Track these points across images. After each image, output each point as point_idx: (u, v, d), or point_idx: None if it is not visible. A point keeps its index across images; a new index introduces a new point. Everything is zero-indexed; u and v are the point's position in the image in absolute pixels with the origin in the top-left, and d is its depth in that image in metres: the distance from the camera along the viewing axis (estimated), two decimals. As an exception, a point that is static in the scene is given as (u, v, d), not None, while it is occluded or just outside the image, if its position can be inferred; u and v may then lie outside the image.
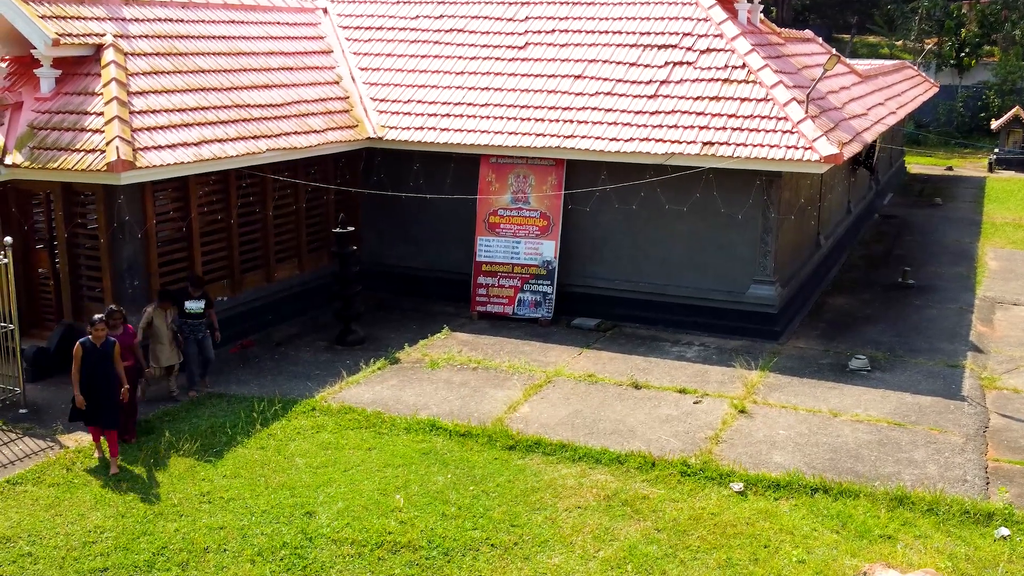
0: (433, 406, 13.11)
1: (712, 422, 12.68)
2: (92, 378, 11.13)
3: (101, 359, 11.20)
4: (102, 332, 11.18)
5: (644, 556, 9.59)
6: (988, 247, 23.30)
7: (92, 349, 11.17)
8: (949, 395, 13.69)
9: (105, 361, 11.22)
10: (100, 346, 11.19)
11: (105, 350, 11.22)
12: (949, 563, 9.38)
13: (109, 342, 11.27)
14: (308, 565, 9.46)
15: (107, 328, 11.29)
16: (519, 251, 17.01)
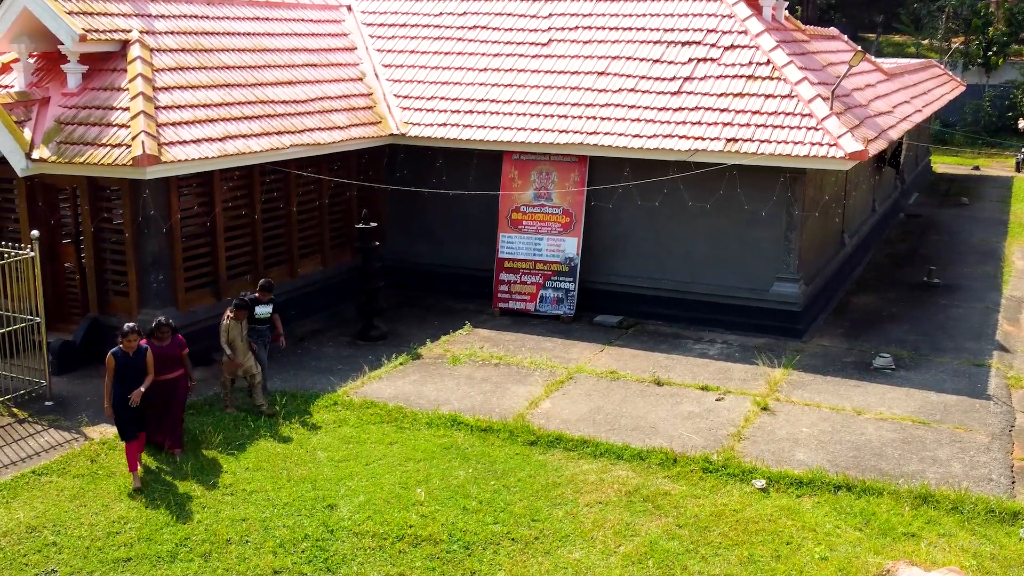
0: (455, 401, 13.12)
1: (734, 419, 12.63)
2: (128, 389, 10.83)
3: (135, 368, 10.94)
4: (134, 342, 10.89)
5: (665, 552, 9.56)
6: (1015, 246, 23.08)
7: (125, 359, 10.89)
8: (974, 394, 13.57)
9: (139, 370, 10.97)
10: (133, 355, 10.92)
11: (138, 360, 10.97)
12: (974, 561, 9.29)
13: (141, 350, 11.02)
14: (329, 557, 9.49)
15: (138, 337, 10.98)
16: (541, 248, 17.00)
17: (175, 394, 11.50)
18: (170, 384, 11.41)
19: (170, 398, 11.44)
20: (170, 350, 11.41)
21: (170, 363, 11.40)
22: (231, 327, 12.49)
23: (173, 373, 11.45)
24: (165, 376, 11.33)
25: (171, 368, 11.42)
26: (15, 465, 11.29)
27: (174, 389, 11.48)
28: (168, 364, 11.37)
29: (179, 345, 11.57)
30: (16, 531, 9.86)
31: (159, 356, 11.22)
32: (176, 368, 11.51)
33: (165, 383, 11.34)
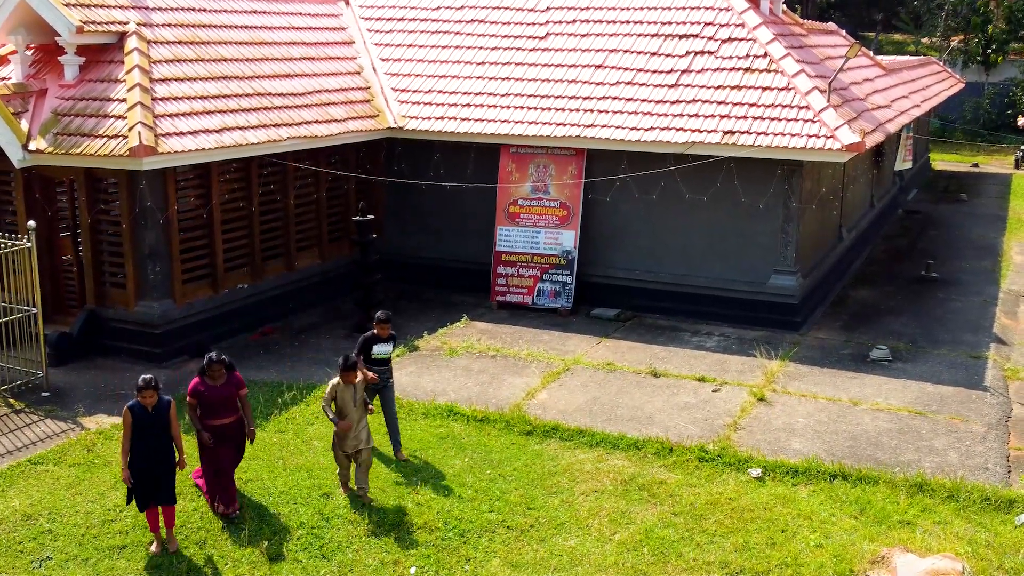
0: (451, 392, 13.12)
1: (731, 409, 12.63)
2: (146, 450, 9.19)
3: (154, 426, 9.21)
4: (150, 397, 9.13)
5: (661, 539, 9.56)
6: (1014, 242, 23.07)
7: (143, 415, 9.17)
8: (971, 385, 13.56)
9: (159, 428, 9.25)
10: (152, 410, 9.18)
11: (158, 415, 9.21)
12: (969, 548, 9.29)
13: (163, 403, 9.24)
14: (325, 544, 9.50)
15: (155, 392, 9.17)
16: (539, 241, 17.00)
17: (229, 444, 9.85)
18: (222, 431, 9.76)
19: (222, 448, 9.80)
20: (224, 391, 9.73)
21: (224, 406, 9.73)
22: (341, 393, 10.04)
23: (227, 418, 9.75)
24: (216, 421, 9.73)
25: (225, 412, 9.74)
26: (11, 454, 11.30)
27: (228, 437, 9.81)
28: (221, 407, 9.72)
29: (235, 384, 9.83)
30: (11, 519, 9.86)
31: (210, 398, 9.66)
32: (231, 412, 9.78)
33: (216, 430, 9.75)
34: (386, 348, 10.82)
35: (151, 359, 14.15)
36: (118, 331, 14.44)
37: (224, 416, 9.74)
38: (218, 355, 9.76)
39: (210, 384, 9.68)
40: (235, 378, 9.83)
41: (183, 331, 14.58)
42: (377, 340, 10.77)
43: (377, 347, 10.77)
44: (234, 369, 9.87)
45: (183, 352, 14.48)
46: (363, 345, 10.76)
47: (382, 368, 10.83)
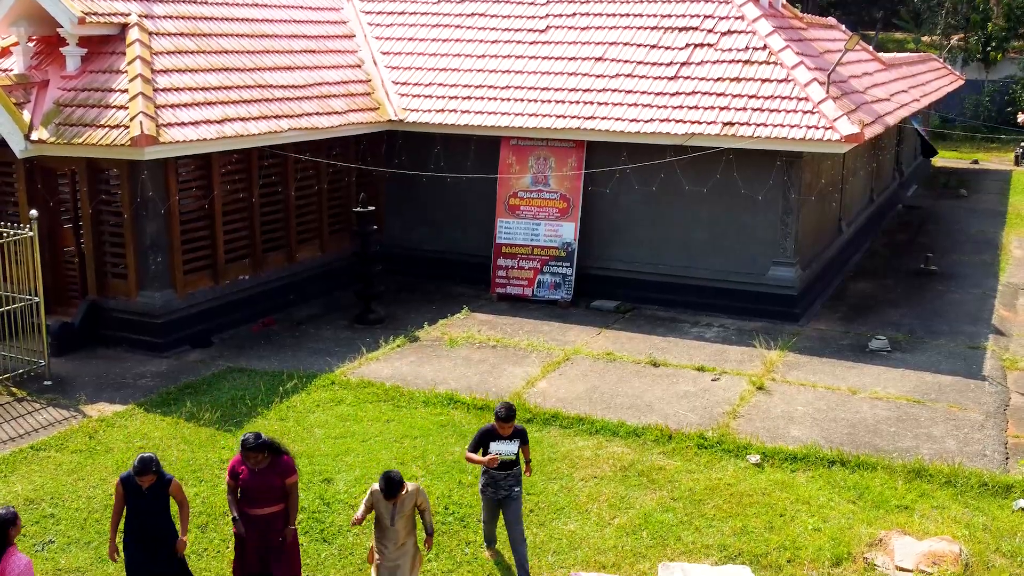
0: (451, 381, 13.17)
1: (730, 398, 12.68)
2: (140, 531, 7.93)
3: (150, 507, 7.90)
4: (148, 482, 7.78)
5: (659, 523, 9.61)
6: (1013, 236, 23.12)
7: (137, 492, 7.85)
8: (970, 375, 13.61)
9: (157, 509, 7.92)
10: (147, 490, 7.83)
11: (156, 496, 7.88)
12: (966, 531, 9.33)
13: (164, 481, 7.89)
14: (325, 528, 9.55)
15: (154, 476, 7.79)
16: (539, 233, 17.05)
17: (271, 540, 8.12)
18: (263, 522, 8.08)
19: (267, 544, 8.13)
20: (265, 478, 8.02)
21: (266, 494, 8.05)
22: (379, 505, 8.00)
23: (268, 508, 8.07)
24: (255, 510, 8.07)
25: (266, 501, 8.06)
26: (13, 441, 11.35)
27: (269, 531, 8.10)
28: (263, 495, 8.05)
29: (282, 471, 8.07)
30: (14, 503, 9.90)
31: (249, 483, 8.03)
32: (274, 501, 8.08)
33: (257, 520, 8.09)
34: (508, 448, 8.60)
35: (152, 349, 14.22)
36: (119, 321, 14.49)
37: (265, 505, 8.05)
38: (256, 438, 7.95)
39: (250, 468, 8.02)
40: (282, 463, 8.08)
41: (184, 321, 14.63)
42: (496, 436, 8.61)
43: (496, 445, 8.60)
44: (282, 452, 8.14)
45: (184, 342, 14.54)
46: (479, 440, 8.71)
47: (504, 474, 8.67)
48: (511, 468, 8.68)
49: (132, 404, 12.33)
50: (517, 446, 8.63)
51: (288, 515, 8.15)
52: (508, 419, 8.55)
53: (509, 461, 8.63)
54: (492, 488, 8.69)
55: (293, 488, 8.16)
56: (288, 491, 8.12)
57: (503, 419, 8.55)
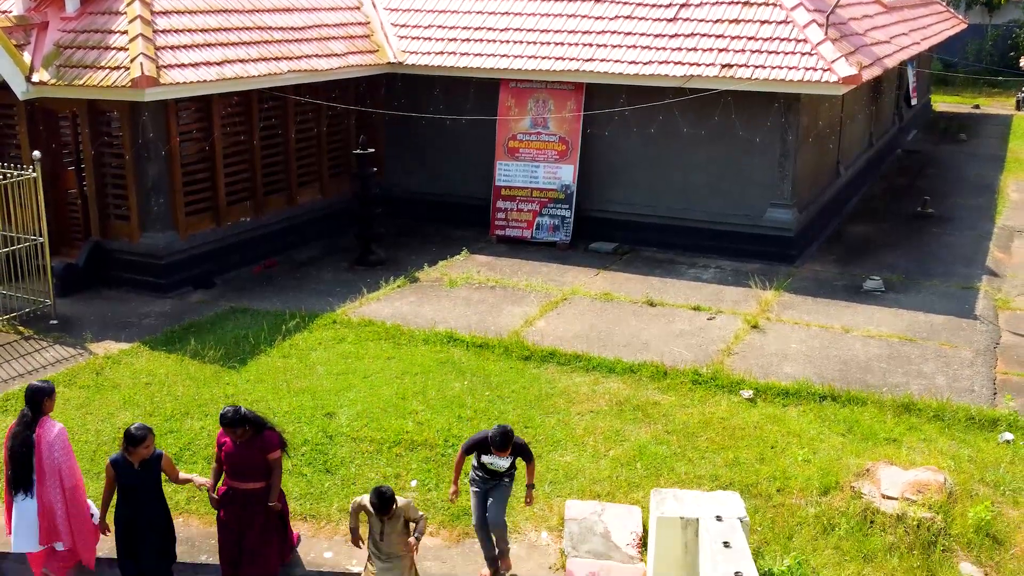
0: (451, 320, 13.38)
1: (725, 336, 12.90)
2: (131, 510, 7.93)
3: (142, 483, 7.90)
4: (148, 450, 7.80)
5: (653, 455, 9.87)
6: (1011, 180, 23.19)
7: (128, 470, 7.83)
8: (962, 314, 13.81)
9: (149, 485, 7.94)
10: (139, 466, 7.84)
11: (147, 472, 7.88)
12: (952, 463, 9.59)
13: (155, 456, 7.90)
14: (328, 460, 9.81)
15: (148, 448, 7.81)
16: (538, 175, 17.15)
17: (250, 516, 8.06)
18: (243, 497, 8.05)
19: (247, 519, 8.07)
20: (246, 453, 7.95)
21: (249, 470, 8.00)
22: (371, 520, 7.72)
23: (250, 483, 8.02)
24: (239, 485, 8.05)
25: (249, 475, 8.02)
26: (22, 377, 11.59)
27: (248, 507, 8.05)
28: (245, 470, 8.01)
29: (263, 447, 8.01)
30: (25, 436, 10.16)
31: (231, 456, 7.99)
32: (257, 477, 8.03)
33: (237, 495, 8.08)
34: (501, 462, 8.18)
35: (156, 289, 14.41)
36: (123, 262, 14.67)
37: (248, 480, 8.01)
38: (234, 412, 7.88)
39: (233, 443, 8.00)
40: (264, 439, 8.02)
41: (187, 263, 14.81)
42: (488, 452, 8.15)
43: (487, 457, 8.17)
44: (265, 428, 8.09)
45: (187, 283, 14.73)
46: (472, 446, 8.24)
47: (493, 479, 8.30)
48: (502, 477, 8.25)
49: (137, 342, 12.55)
50: (510, 462, 8.18)
51: (270, 491, 8.04)
52: (503, 447, 7.92)
53: (501, 471, 8.22)
54: (482, 482, 8.27)
55: (276, 464, 8.04)
56: (271, 467, 8.03)
57: (498, 447, 7.93)
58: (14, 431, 8.05)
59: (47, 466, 7.93)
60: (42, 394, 8.08)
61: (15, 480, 7.98)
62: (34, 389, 8.09)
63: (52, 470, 7.94)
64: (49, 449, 7.93)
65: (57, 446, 7.97)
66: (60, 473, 7.97)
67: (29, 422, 7.99)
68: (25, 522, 8.05)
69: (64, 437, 8.07)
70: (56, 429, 8.05)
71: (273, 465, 8.06)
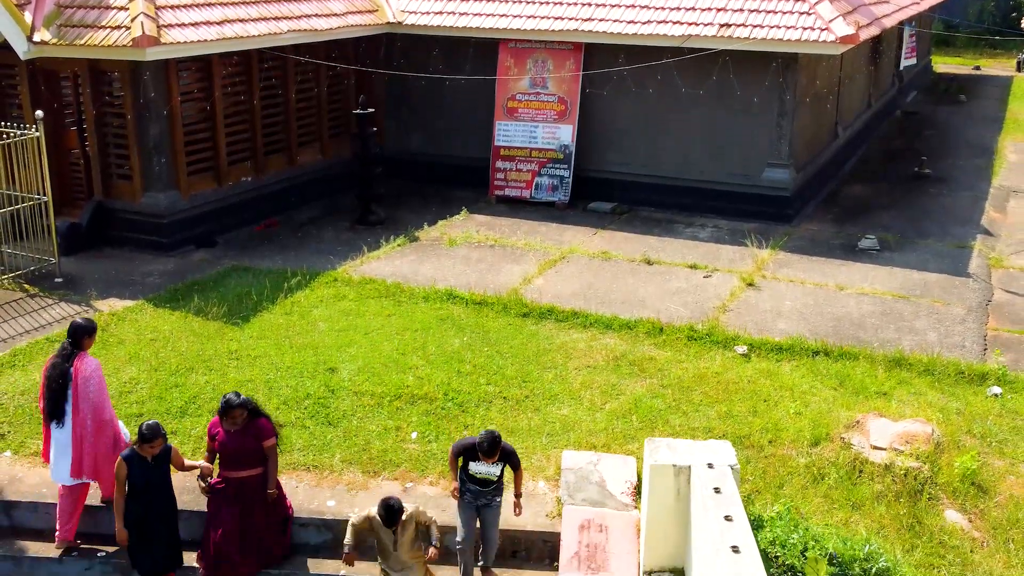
0: (451, 278, 13.55)
1: (721, 294, 13.07)
2: (142, 507, 8.08)
3: (153, 479, 8.07)
4: (158, 447, 7.98)
5: (649, 408, 10.08)
6: (1008, 141, 23.26)
7: (143, 467, 8.00)
8: (955, 272, 13.98)
9: (158, 480, 8.11)
10: (152, 460, 8.02)
11: (158, 466, 8.08)
12: (940, 415, 9.80)
13: (165, 449, 8.09)
14: (330, 413, 10.03)
15: (163, 441, 8.01)
16: (537, 135, 17.24)
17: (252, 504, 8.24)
18: (238, 484, 8.22)
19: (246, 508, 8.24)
20: (241, 440, 8.13)
21: (242, 457, 8.17)
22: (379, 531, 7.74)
23: (244, 471, 8.19)
24: (233, 473, 8.23)
25: (244, 463, 8.18)
26: (29, 333, 11.79)
27: (243, 495, 8.22)
28: (239, 458, 8.17)
29: (258, 434, 8.18)
30: (33, 390, 10.37)
31: (226, 445, 8.14)
32: (252, 464, 8.20)
33: (232, 483, 8.25)
34: (490, 470, 8.00)
35: (158, 248, 14.58)
36: (125, 222, 14.82)
37: (243, 468, 8.18)
38: (238, 397, 8.13)
39: (228, 430, 8.17)
40: (259, 426, 8.18)
41: (189, 222, 14.96)
42: (477, 459, 7.99)
43: (476, 465, 8.02)
44: (260, 415, 8.29)
45: (189, 242, 14.88)
46: (460, 452, 8.08)
47: (483, 487, 8.12)
48: (492, 485, 8.08)
49: (141, 300, 12.73)
50: (500, 468, 8.03)
51: (267, 479, 8.21)
52: (491, 453, 7.80)
53: (491, 480, 8.06)
54: (471, 495, 8.12)
55: (271, 452, 8.21)
56: (267, 454, 8.20)
57: (486, 453, 7.79)
58: (53, 362, 8.43)
59: (82, 400, 8.31)
60: (83, 331, 8.50)
61: (50, 410, 8.38)
62: (76, 325, 8.51)
63: (86, 404, 8.31)
64: (85, 384, 8.30)
65: (93, 381, 8.34)
66: (94, 407, 8.35)
67: (68, 355, 8.36)
68: (60, 453, 8.44)
69: (99, 373, 8.46)
70: (93, 365, 8.44)
71: (268, 452, 8.22)
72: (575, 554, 8.04)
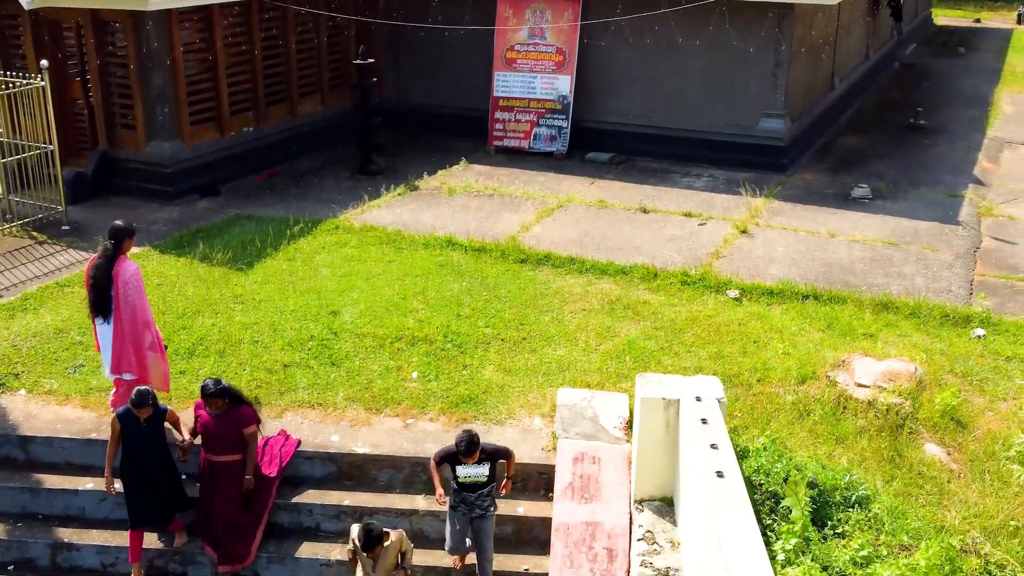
0: (450, 226, 13.80)
1: (714, 241, 13.35)
2: (137, 465, 8.32)
3: (147, 438, 8.30)
4: (146, 413, 8.21)
5: (642, 349, 10.40)
6: (1005, 93, 23.38)
7: (135, 425, 8.25)
8: (945, 220, 14.24)
9: (152, 440, 8.33)
10: (145, 422, 8.25)
11: (152, 428, 8.30)
12: (923, 355, 10.12)
13: (159, 411, 8.34)
14: (334, 354, 10.35)
15: (151, 407, 8.21)
16: (535, 86, 17.41)
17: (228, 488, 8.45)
18: (219, 468, 8.43)
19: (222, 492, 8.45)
20: (221, 425, 8.32)
21: (222, 442, 8.36)
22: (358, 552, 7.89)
23: (224, 455, 8.39)
24: (212, 456, 8.44)
25: (223, 448, 8.37)
26: (39, 279, 12.10)
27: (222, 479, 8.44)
28: (219, 442, 8.36)
29: (239, 421, 8.35)
30: (45, 332, 10.70)
31: (207, 427, 8.37)
32: (232, 450, 8.39)
33: (213, 466, 8.46)
34: (476, 471, 7.98)
35: (163, 197, 14.83)
36: (130, 171, 15.06)
37: (222, 453, 8.38)
38: (215, 384, 8.26)
39: (210, 413, 8.38)
40: (239, 413, 8.37)
41: (192, 171, 15.20)
42: (459, 462, 7.99)
43: (462, 469, 8.00)
44: (243, 402, 8.50)
45: (193, 191, 15.13)
46: (445, 458, 8.07)
47: (472, 493, 8.04)
48: (483, 488, 8.05)
49: (147, 247, 13.01)
50: (488, 468, 7.99)
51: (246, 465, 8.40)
52: (468, 453, 7.83)
53: (480, 483, 8.03)
54: (465, 506, 8.08)
55: (251, 439, 8.38)
56: (247, 441, 8.37)
57: (464, 453, 7.84)
58: (96, 263, 8.90)
59: (122, 301, 8.80)
60: (124, 233, 8.94)
61: (96, 306, 8.88)
62: (117, 227, 8.92)
63: (126, 305, 8.79)
64: (124, 286, 8.79)
65: (131, 284, 8.83)
66: (133, 309, 8.83)
67: (110, 256, 8.82)
68: (107, 348, 8.97)
69: (138, 277, 8.92)
70: (132, 269, 8.92)
71: (248, 439, 8.38)
72: (569, 484, 8.40)
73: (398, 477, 8.98)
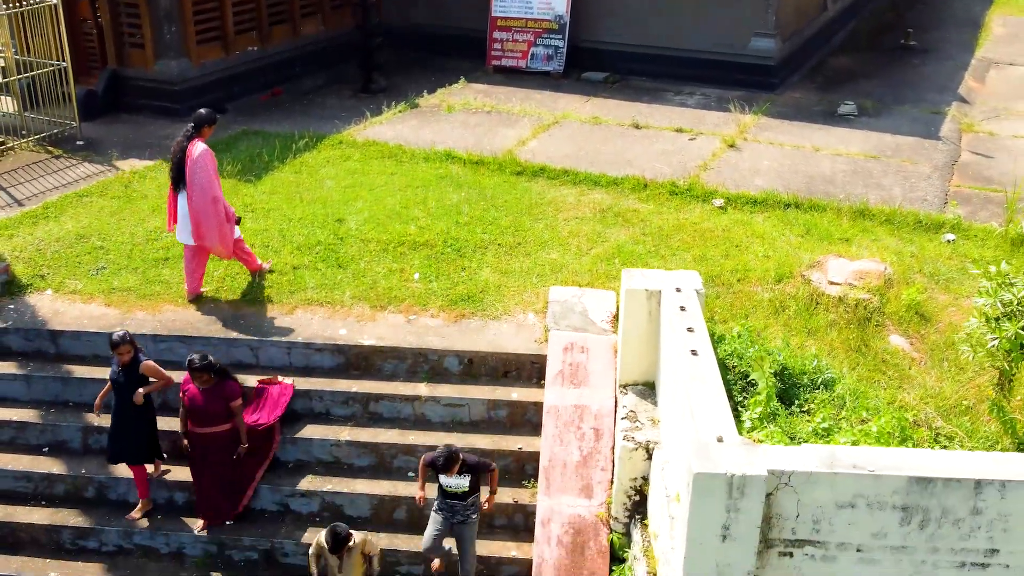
0: (450, 141, 14.34)
1: (703, 154, 13.90)
2: (117, 403, 8.78)
3: (123, 382, 8.66)
4: (127, 354, 8.56)
5: (630, 253, 11.04)
6: (997, 15, 23.65)
7: (116, 364, 8.72)
8: (927, 136, 14.76)
9: (125, 385, 8.65)
10: (120, 366, 8.61)
11: (126, 375, 8.63)
12: (895, 257, 10.75)
13: (136, 361, 8.63)
14: (340, 257, 10.99)
15: (131, 348, 8.60)
16: (533, 6, 17.77)
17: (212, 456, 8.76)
18: (206, 439, 8.72)
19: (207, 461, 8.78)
20: (207, 399, 8.57)
21: (207, 415, 8.60)
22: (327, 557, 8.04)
23: (208, 427, 8.65)
24: (198, 429, 8.70)
25: (209, 421, 8.63)
26: (57, 190, 12.70)
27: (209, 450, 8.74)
28: (205, 416, 8.61)
29: (225, 395, 8.62)
30: (67, 238, 11.34)
31: (194, 401, 8.61)
32: (217, 422, 8.65)
33: (199, 438, 8.74)
34: (457, 482, 8.07)
35: (171, 114, 15.33)
36: (139, 89, 15.55)
37: (208, 425, 8.64)
38: (202, 359, 8.47)
39: (197, 386, 8.61)
40: (225, 388, 8.61)
41: (199, 89, 15.67)
42: (443, 471, 8.06)
43: (444, 479, 8.11)
44: (228, 377, 8.71)
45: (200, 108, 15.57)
46: (427, 465, 8.22)
47: (456, 501, 8.17)
48: (466, 499, 8.15)
49: (159, 160, 13.57)
50: (468, 480, 8.05)
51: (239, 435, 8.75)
52: (445, 468, 7.95)
53: (463, 492, 8.12)
54: (448, 512, 8.20)
55: (237, 411, 8.67)
56: (233, 412, 8.65)
57: (440, 469, 7.96)
58: (177, 140, 9.93)
59: (192, 178, 9.71)
60: (204, 119, 9.97)
61: (174, 178, 9.91)
62: (199, 114, 9.98)
63: (196, 183, 9.71)
64: (193, 166, 9.71)
65: (199, 164, 9.71)
66: (202, 187, 9.71)
67: (188, 136, 9.83)
68: (183, 218, 9.96)
69: (206, 158, 9.78)
70: (200, 149, 9.80)
71: (235, 411, 8.68)
72: (559, 372, 9.11)
73: (402, 367, 9.68)
